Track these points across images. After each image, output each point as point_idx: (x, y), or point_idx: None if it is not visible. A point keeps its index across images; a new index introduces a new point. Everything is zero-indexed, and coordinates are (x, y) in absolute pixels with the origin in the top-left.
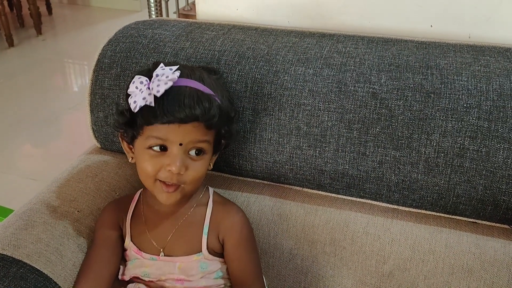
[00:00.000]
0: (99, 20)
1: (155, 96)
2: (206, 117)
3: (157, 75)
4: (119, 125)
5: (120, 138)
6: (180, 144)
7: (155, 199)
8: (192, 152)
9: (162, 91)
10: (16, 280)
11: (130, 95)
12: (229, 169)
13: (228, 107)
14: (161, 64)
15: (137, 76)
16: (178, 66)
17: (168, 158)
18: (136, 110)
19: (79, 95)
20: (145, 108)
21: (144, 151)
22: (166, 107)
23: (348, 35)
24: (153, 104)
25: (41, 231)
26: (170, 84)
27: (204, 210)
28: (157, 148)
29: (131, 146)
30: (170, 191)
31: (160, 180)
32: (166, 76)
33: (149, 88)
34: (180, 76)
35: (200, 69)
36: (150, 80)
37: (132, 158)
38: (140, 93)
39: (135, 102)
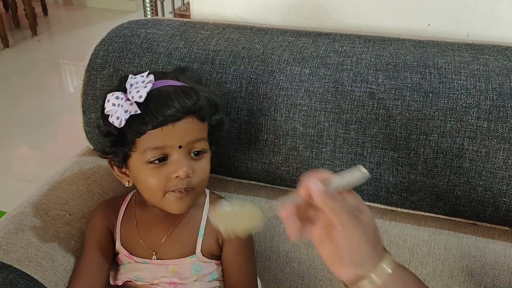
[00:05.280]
0: (95, 21)
1: (138, 103)
2: (198, 107)
3: (131, 85)
4: (108, 148)
5: (109, 165)
6: (180, 147)
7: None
8: (193, 154)
9: (144, 95)
10: (6, 286)
11: (108, 115)
12: (224, 170)
13: (212, 95)
14: (130, 75)
15: (109, 94)
16: (148, 72)
17: (172, 165)
18: (122, 125)
19: (74, 96)
20: (131, 119)
21: (143, 167)
22: (154, 109)
23: (344, 34)
24: (139, 111)
25: (32, 235)
26: (149, 86)
27: (201, 212)
28: (157, 161)
29: (123, 170)
30: (183, 196)
31: (170, 191)
32: (142, 82)
33: (128, 100)
34: (155, 79)
35: (171, 71)
36: (125, 93)
37: (128, 182)
38: (121, 108)
39: (118, 118)
